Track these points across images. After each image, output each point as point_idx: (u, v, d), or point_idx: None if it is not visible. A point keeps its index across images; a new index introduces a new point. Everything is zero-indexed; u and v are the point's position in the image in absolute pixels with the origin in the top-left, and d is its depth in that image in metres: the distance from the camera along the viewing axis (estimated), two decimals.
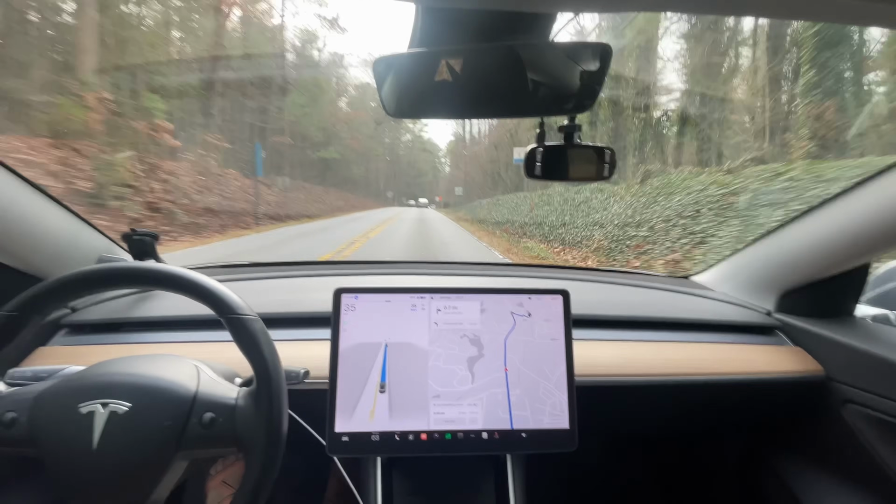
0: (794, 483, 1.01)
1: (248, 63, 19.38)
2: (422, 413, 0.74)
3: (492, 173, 23.39)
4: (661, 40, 11.75)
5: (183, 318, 0.92)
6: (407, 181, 61.47)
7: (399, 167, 59.00)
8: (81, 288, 0.60)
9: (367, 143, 42.13)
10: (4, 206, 0.78)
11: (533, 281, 1.25)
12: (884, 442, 0.85)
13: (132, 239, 0.99)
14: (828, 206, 0.91)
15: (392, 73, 0.58)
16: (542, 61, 0.56)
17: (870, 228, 0.82)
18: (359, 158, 41.01)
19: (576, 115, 0.65)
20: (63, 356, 0.84)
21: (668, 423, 1.10)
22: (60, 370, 0.63)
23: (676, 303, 1.13)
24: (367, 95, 38.48)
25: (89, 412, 0.54)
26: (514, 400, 0.75)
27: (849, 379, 0.90)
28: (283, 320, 0.92)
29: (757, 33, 8.94)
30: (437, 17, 0.51)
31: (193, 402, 0.57)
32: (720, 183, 5.64)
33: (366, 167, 45.51)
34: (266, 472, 0.56)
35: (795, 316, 1.03)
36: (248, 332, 0.58)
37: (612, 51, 0.55)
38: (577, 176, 0.77)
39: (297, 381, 0.66)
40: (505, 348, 0.77)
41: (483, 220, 17.28)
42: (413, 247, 9.71)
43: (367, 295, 0.77)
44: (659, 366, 0.91)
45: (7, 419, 0.55)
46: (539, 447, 0.75)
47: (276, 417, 0.57)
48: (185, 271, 0.61)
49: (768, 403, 1.00)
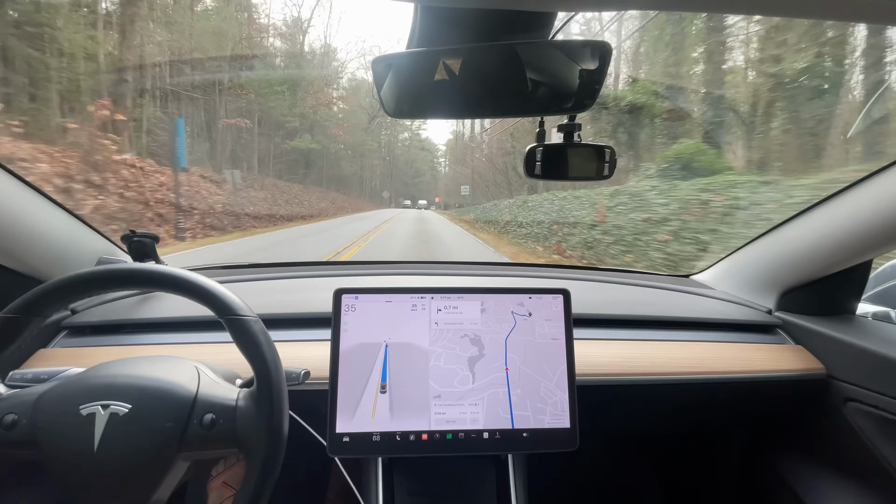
0: (795, 481, 1.01)
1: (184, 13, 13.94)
2: (423, 413, 0.74)
3: (505, 169, 18.61)
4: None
5: (183, 319, 0.92)
6: (405, 181, 59.53)
7: (396, 166, 56.60)
8: (82, 290, 0.60)
9: (359, 137, 37.91)
10: (4, 208, 0.78)
11: (533, 280, 1.24)
12: (885, 439, 0.84)
13: (132, 240, 0.99)
14: (828, 203, 0.91)
15: (391, 72, 0.58)
16: (542, 60, 0.56)
17: (870, 226, 0.82)
18: (349, 154, 36.97)
19: (576, 114, 0.65)
20: (64, 358, 0.84)
21: (670, 421, 1.09)
22: (61, 372, 0.63)
23: (677, 302, 1.13)
24: (356, 82, 34.56)
25: (90, 414, 0.54)
26: (515, 399, 0.75)
27: (850, 377, 0.89)
28: (284, 321, 0.92)
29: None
30: (435, 16, 0.51)
31: (194, 404, 0.57)
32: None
33: (360, 165, 42.22)
34: (267, 473, 0.56)
35: (796, 314, 1.03)
36: (249, 333, 0.58)
37: (612, 49, 0.55)
38: (577, 175, 0.77)
39: (298, 381, 0.66)
40: (505, 348, 0.77)
41: (506, 228, 12.82)
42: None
43: (367, 295, 0.77)
44: (660, 365, 0.91)
45: (8, 421, 0.55)
46: (540, 447, 0.74)
47: (276, 418, 0.57)
48: (184, 272, 0.61)
49: (770, 402, 1.00)
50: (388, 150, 52.21)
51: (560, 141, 0.73)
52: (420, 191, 61.90)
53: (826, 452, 0.97)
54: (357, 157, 40.23)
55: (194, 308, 0.62)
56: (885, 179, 0.80)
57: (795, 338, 1.02)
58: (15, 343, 0.57)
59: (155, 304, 0.98)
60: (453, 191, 42.71)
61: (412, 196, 58.95)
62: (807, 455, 1.01)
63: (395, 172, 56.37)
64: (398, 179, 58.17)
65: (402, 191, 59.55)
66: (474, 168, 31.04)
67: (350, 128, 34.53)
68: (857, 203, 0.84)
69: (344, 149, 34.91)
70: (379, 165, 50.57)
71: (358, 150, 39.59)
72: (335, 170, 33.20)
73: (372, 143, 42.14)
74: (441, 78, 0.56)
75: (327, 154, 30.08)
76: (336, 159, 32.70)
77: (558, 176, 0.78)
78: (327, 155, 30.11)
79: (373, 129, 41.03)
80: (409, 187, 60.94)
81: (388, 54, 0.57)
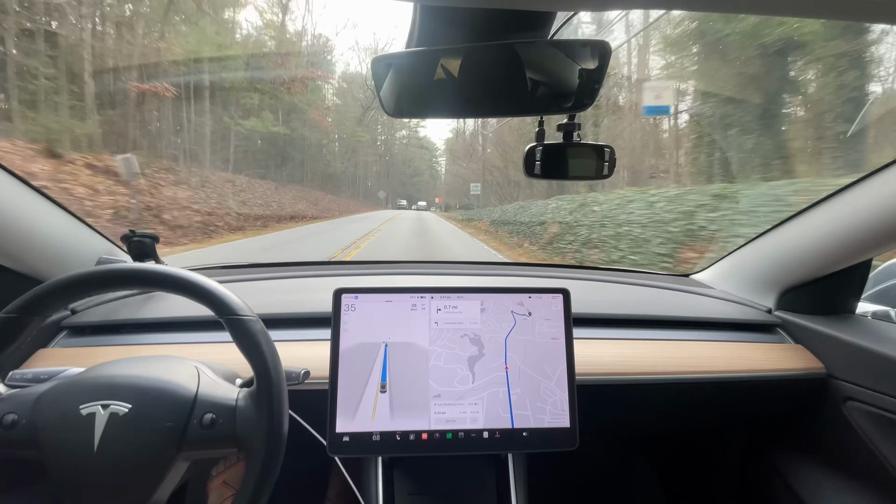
0: (795, 480, 1.01)
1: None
2: (423, 413, 0.74)
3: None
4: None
5: (183, 319, 0.92)
6: (402, 180, 57.61)
7: (394, 165, 53.55)
8: (82, 289, 0.60)
9: (350, 128, 32.78)
10: (4, 208, 0.78)
11: (533, 280, 1.24)
12: (884, 438, 0.85)
13: (132, 240, 0.99)
14: (828, 202, 0.91)
15: (391, 72, 0.58)
16: (542, 60, 0.56)
17: (870, 225, 0.82)
18: (340, 149, 31.64)
19: (575, 113, 0.65)
20: (64, 358, 0.84)
21: (669, 420, 1.09)
22: (61, 372, 0.63)
23: (677, 301, 1.13)
24: (349, 73, 29.22)
25: (90, 413, 0.54)
26: (515, 399, 0.75)
27: (850, 376, 0.89)
28: (284, 321, 0.92)
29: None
30: (435, 15, 0.51)
31: (194, 404, 0.57)
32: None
33: (353, 161, 37.32)
34: (267, 473, 0.56)
35: (796, 313, 1.03)
36: (249, 333, 0.58)
37: (611, 49, 0.55)
38: (577, 174, 0.77)
39: (298, 381, 0.66)
40: (505, 347, 0.77)
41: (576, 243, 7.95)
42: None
43: (367, 295, 0.77)
44: (659, 364, 0.91)
45: (8, 421, 0.55)
46: (540, 446, 0.75)
47: (276, 418, 0.57)
48: (184, 272, 0.61)
49: (769, 401, 1.00)
50: (385, 148, 48.45)
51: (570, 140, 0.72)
52: (418, 190, 60.11)
53: (826, 451, 0.97)
54: (349, 153, 35.64)
55: (194, 308, 0.62)
56: (884, 178, 0.80)
57: (795, 337, 1.02)
58: (15, 343, 0.57)
59: (155, 304, 0.98)
60: (454, 190, 40.49)
61: (409, 196, 57.43)
62: (806, 454, 1.01)
63: (392, 171, 52.80)
64: (395, 178, 55.14)
65: (400, 190, 57.15)
66: (486, 162, 26.02)
67: (335, 112, 28.69)
68: (857, 202, 0.84)
69: (331, 141, 29.79)
70: (374, 163, 46.82)
71: (349, 145, 34.68)
72: (321, 165, 28.72)
73: (364, 136, 36.87)
74: (440, 77, 0.56)
75: (307, 146, 25.26)
76: (320, 152, 27.87)
77: (558, 175, 0.78)
78: (308, 147, 25.38)
79: (367, 123, 36.05)
80: (407, 187, 58.82)
81: (387, 54, 0.57)
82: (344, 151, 35.38)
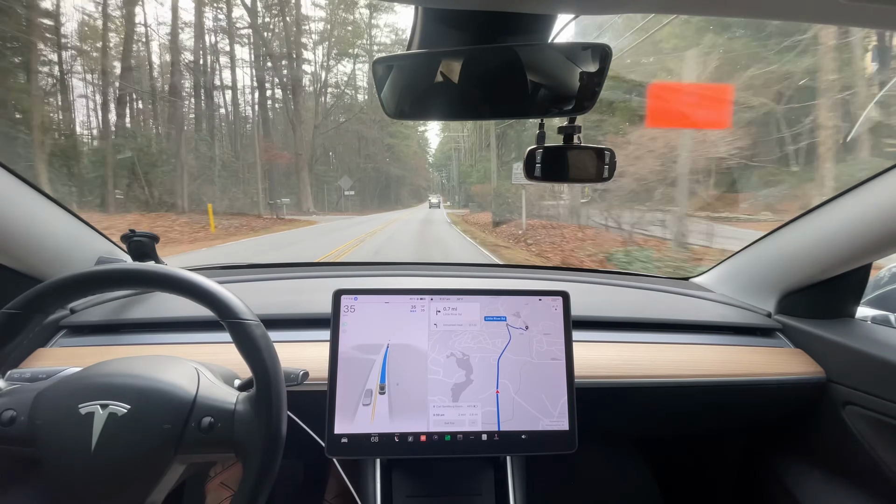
0: (794, 484, 1.00)
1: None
2: (421, 415, 0.73)
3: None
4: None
5: (182, 319, 0.92)
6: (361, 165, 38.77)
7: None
8: (81, 289, 0.60)
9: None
10: (4, 208, 0.78)
11: (533, 282, 1.24)
12: (884, 443, 0.84)
13: (132, 240, 0.99)
14: (828, 207, 0.91)
15: (392, 74, 0.58)
16: (542, 62, 0.56)
17: (870, 230, 0.82)
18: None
19: (576, 116, 0.65)
20: (63, 357, 0.84)
21: (669, 424, 1.09)
22: (59, 371, 0.63)
23: (677, 304, 1.13)
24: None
25: (88, 413, 0.54)
26: (514, 401, 0.75)
27: (849, 381, 0.89)
28: (283, 321, 0.92)
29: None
30: (436, 18, 0.52)
31: (193, 406, 0.57)
32: None
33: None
34: (264, 477, 0.55)
35: (796, 318, 1.03)
36: (250, 338, 0.58)
37: (612, 52, 0.55)
38: (578, 177, 0.77)
39: (297, 382, 0.66)
40: (505, 349, 0.77)
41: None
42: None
43: (366, 296, 0.77)
44: (659, 367, 0.91)
45: (6, 417, 0.55)
46: (539, 449, 0.74)
47: (274, 424, 0.57)
48: (185, 273, 0.60)
49: (769, 405, 1.00)
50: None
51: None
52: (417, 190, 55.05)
53: (825, 456, 0.97)
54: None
55: (193, 308, 0.62)
56: (884, 183, 0.80)
57: (795, 341, 1.02)
58: (17, 339, 0.57)
59: (154, 304, 0.98)
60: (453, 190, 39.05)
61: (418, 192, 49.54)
62: (806, 458, 1.01)
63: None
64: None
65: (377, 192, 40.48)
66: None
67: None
68: (857, 207, 0.84)
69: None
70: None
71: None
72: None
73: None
74: (441, 80, 0.56)
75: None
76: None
77: (558, 178, 0.78)
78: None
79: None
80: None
81: (388, 56, 0.57)
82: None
